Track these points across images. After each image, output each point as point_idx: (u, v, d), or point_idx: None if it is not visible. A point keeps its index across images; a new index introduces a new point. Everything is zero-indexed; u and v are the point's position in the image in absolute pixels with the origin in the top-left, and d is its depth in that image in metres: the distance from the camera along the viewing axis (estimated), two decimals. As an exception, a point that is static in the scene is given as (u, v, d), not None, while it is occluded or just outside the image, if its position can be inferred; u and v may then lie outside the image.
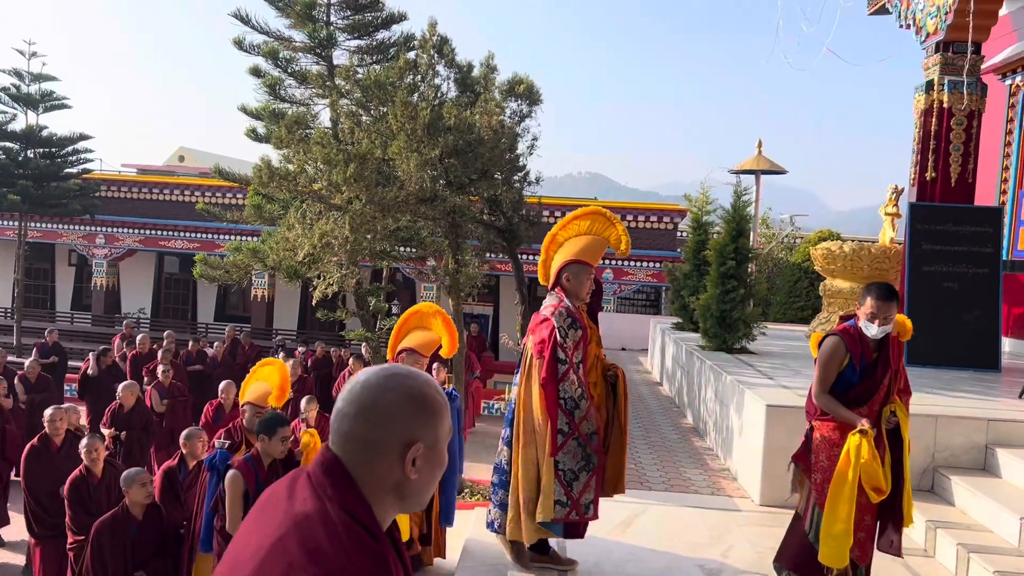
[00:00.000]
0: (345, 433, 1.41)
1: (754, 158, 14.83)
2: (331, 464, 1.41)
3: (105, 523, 5.74)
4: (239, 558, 1.36)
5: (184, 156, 50.07)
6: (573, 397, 4.21)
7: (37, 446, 7.48)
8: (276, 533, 1.33)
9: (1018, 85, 11.23)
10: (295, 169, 10.71)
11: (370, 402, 1.41)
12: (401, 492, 1.43)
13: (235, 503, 5.18)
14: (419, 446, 1.42)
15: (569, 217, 4.71)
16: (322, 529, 1.30)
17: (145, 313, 27.12)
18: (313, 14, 13.53)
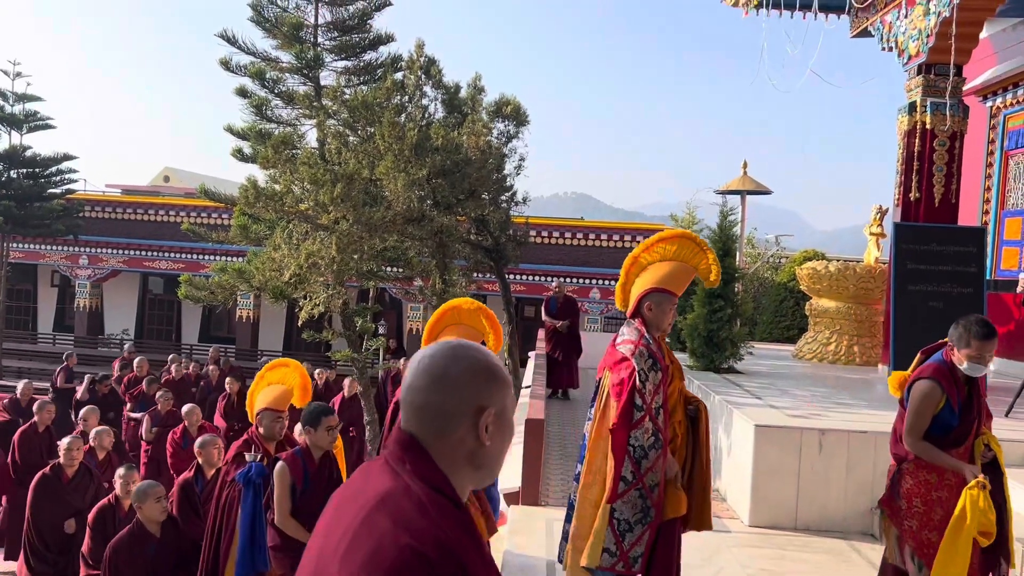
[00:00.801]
0: (419, 406, 1.45)
1: (739, 178, 14.92)
2: (406, 441, 1.44)
3: (121, 543, 5.37)
4: (324, 550, 1.37)
5: (170, 176, 49.93)
6: (643, 446, 3.97)
7: (48, 475, 7.02)
8: (360, 514, 1.35)
9: (998, 107, 11.38)
10: (281, 189, 10.70)
11: (440, 372, 1.45)
12: (476, 461, 1.47)
13: (283, 497, 4.99)
14: (490, 412, 1.46)
15: (654, 239, 4.41)
16: (407, 502, 1.33)
17: (129, 334, 26.88)
18: (300, 35, 13.55)
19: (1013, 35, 11.16)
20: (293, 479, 5.03)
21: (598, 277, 22.28)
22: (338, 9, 14.27)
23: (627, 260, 4.41)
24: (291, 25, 13.37)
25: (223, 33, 14.11)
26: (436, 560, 1.25)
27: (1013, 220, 11.21)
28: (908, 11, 9.26)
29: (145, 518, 5.44)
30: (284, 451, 5.42)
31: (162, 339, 27.25)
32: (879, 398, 7.86)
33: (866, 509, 6.02)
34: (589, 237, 23.29)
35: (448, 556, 1.27)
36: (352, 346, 12.79)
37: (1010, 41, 11.18)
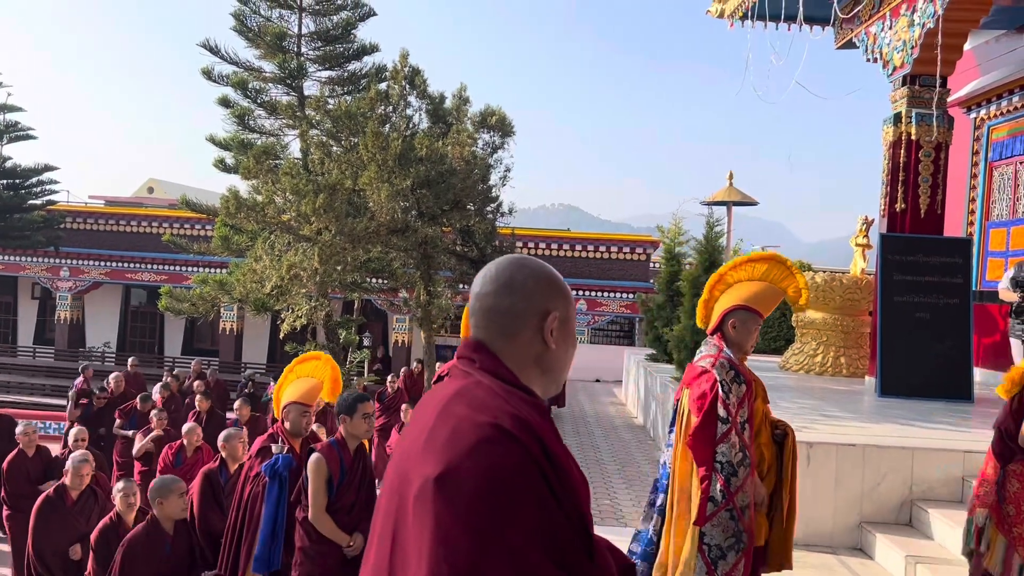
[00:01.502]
0: (487, 309, 1.51)
1: (725, 189, 14.92)
2: (474, 344, 1.50)
3: (136, 540, 5.01)
4: (408, 451, 1.39)
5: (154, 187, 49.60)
6: (732, 462, 3.69)
7: (52, 498, 6.58)
8: (436, 409, 1.38)
9: (982, 118, 11.41)
10: (263, 199, 10.57)
11: (507, 278, 1.52)
12: (543, 364, 1.52)
13: (319, 490, 4.65)
14: (555, 316, 1.51)
15: (743, 258, 4.28)
16: (480, 391, 1.38)
17: (110, 347, 26.56)
18: (283, 45, 13.47)
19: (996, 47, 11.21)
20: (330, 471, 4.68)
21: (585, 288, 22.21)
22: (322, 19, 14.21)
23: (712, 277, 4.29)
24: (274, 35, 13.29)
25: (206, 43, 14.01)
26: (515, 432, 1.29)
27: (998, 231, 11.23)
28: (892, 23, 9.27)
29: (163, 515, 5.13)
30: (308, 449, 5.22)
31: (144, 352, 26.93)
32: (867, 410, 7.80)
33: (856, 524, 5.94)
34: (576, 248, 23.23)
35: (527, 429, 1.30)
36: (336, 358, 12.64)
37: (993, 53, 11.23)
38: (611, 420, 11.93)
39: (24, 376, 24.36)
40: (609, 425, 11.34)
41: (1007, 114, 10.97)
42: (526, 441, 1.29)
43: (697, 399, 3.82)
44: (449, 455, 1.28)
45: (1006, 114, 10.98)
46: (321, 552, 4.67)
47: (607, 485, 7.57)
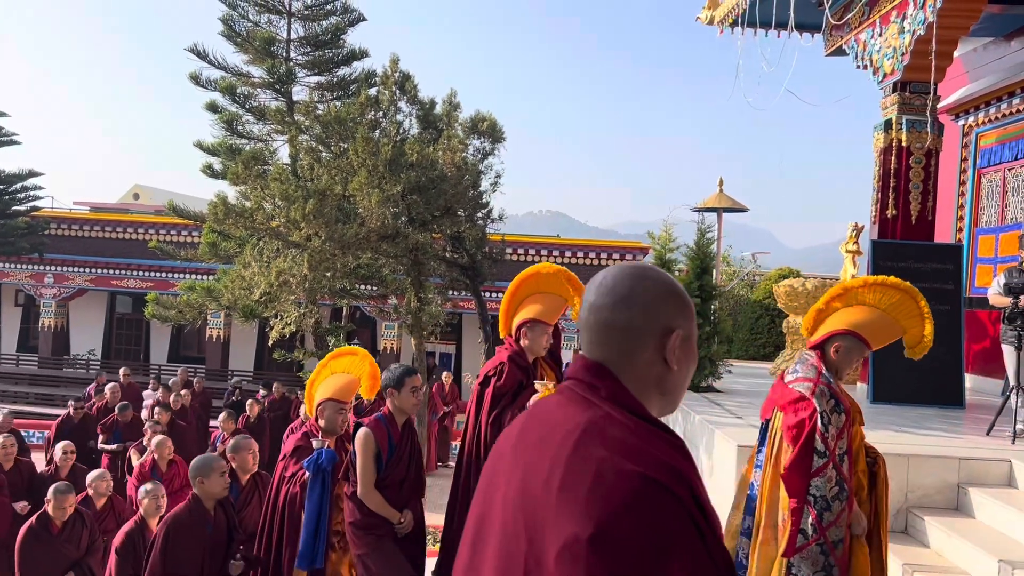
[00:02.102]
0: (604, 324, 1.39)
1: (716, 195, 14.94)
2: (596, 367, 1.38)
3: (180, 519, 4.80)
4: (529, 488, 1.28)
5: (139, 193, 49.27)
6: (826, 496, 3.54)
7: (35, 527, 6.28)
8: (567, 445, 1.27)
9: (971, 125, 11.47)
10: (252, 205, 10.47)
11: (627, 290, 1.40)
12: (662, 386, 1.41)
13: (368, 466, 4.49)
14: (678, 334, 1.40)
15: (879, 279, 4.04)
16: (616, 430, 1.27)
17: (95, 355, 26.30)
18: (272, 50, 13.39)
19: (984, 54, 11.27)
20: (378, 446, 4.53)
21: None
22: (311, 24, 14.14)
23: (836, 287, 4.07)
24: (263, 40, 13.21)
25: (193, 47, 13.92)
26: (668, 484, 1.21)
27: (987, 237, 11.27)
28: (883, 30, 9.30)
29: (204, 493, 4.90)
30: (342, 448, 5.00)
31: (130, 359, 26.67)
32: (860, 417, 7.77)
33: (851, 531, 5.91)
34: (565, 255, 23.21)
35: (678, 478, 1.23)
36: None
37: (982, 60, 11.29)
38: (602, 427, 11.87)
39: (7, 384, 24.06)
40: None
41: (995, 121, 11.03)
42: (679, 493, 1.22)
43: (792, 427, 3.65)
44: (600, 511, 1.19)
45: (994, 121, 11.03)
46: (373, 524, 4.51)
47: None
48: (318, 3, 14.08)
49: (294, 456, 5.03)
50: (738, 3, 11.08)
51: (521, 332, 4.81)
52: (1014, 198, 10.87)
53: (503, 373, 4.58)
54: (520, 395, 4.56)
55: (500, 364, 4.65)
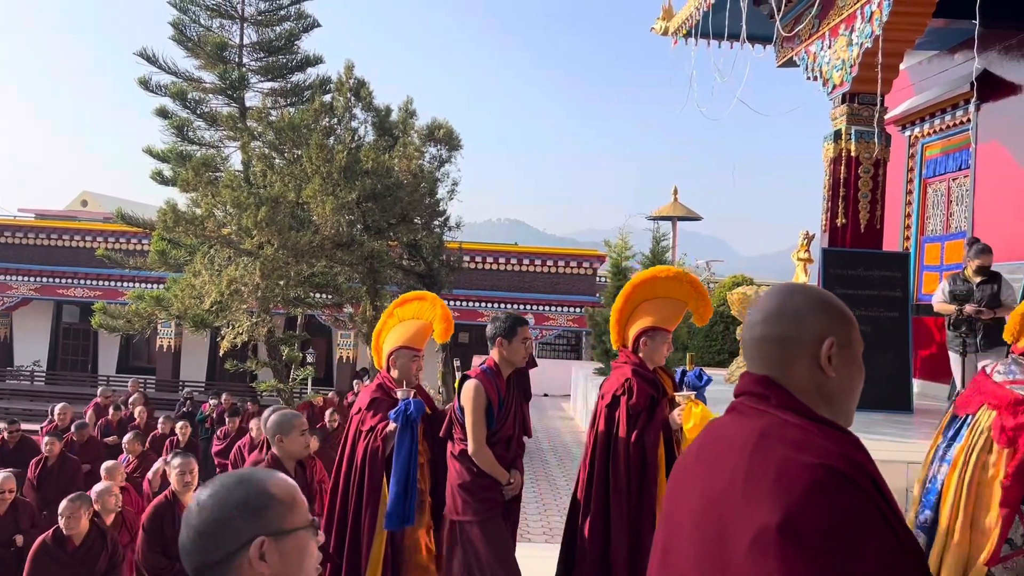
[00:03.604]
0: (760, 338, 1.48)
1: (670, 204, 15.09)
2: (761, 380, 1.46)
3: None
4: (711, 497, 1.34)
5: (87, 200, 48.10)
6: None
7: (48, 544, 5.65)
8: (744, 453, 1.33)
9: (916, 136, 11.75)
10: (203, 213, 10.26)
11: (775, 305, 1.49)
12: (824, 394, 1.46)
13: (479, 422, 4.17)
14: (831, 341, 1.45)
15: None
16: (792, 431, 1.34)
17: (40, 366, 25.53)
18: (224, 55, 13.17)
19: (929, 67, 11.57)
20: (489, 399, 4.19)
21: (532, 303, 22.18)
22: (264, 30, 13.94)
23: None
24: (215, 45, 12.98)
25: (143, 52, 13.62)
26: (850, 473, 1.27)
27: (932, 245, 11.55)
28: (832, 42, 9.48)
29: (284, 452, 4.50)
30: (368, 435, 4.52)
31: (77, 370, 25.96)
32: (812, 422, 7.88)
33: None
34: (523, 263, 23.21)
35: (859, 469, 1.29)
36: (278, 376, 12.32)
37: (926, 73, 11.59)
38: (560, 435, 11.87)
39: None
40: (558, 440, 11.28)
41: (940, 132, 11.32)
42: (860, 481, 1.28)
43: (1009, 429, 3.49)
44: (785, 500, 1.26)
45: (939, 132, 11.33)
46: (484, 486, 4.20)
47: (558, 502, 7.49)
48: (271, 8, 13.90)
49: (371, 409, 4.61)
50: (691, 15, 11.21)
51: (640, 341, 4.44)
52: (958, 207, 11.17)
53: (633, 391, 4.24)
54: (656, 410, 4.26)
55: (626, 381, 4.28)
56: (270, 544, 1.38)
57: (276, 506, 1.41)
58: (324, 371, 23.34)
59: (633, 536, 4.08)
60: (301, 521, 1.44)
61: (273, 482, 1.44)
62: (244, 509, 1.40)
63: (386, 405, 4.56)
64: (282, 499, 1.43)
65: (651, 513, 4.03)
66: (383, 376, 4.73)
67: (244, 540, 1.38)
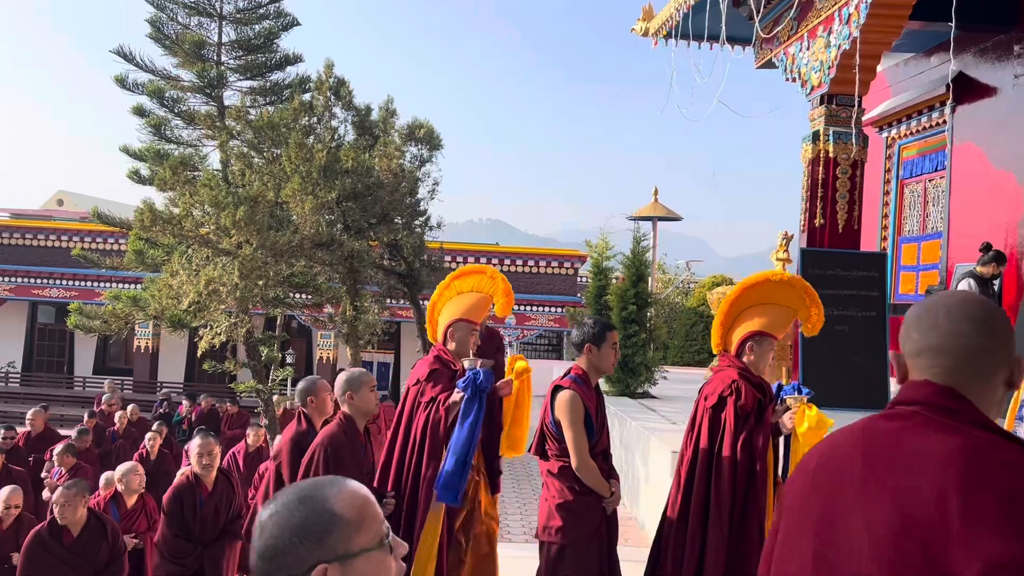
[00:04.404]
0: (976, 347, 1.43)
1: (651, 204, 15.15)
2: (948, 392, 1.41)
3: (336, 437, 4.26)
4: (905, 517, 1.31)
5: (63, 200, 47.54)
6: None
7: (43, 535, 5.25)
8: (948, 474, 1.30)
9: (893, 137, 11.87)
10: (180, 212, 10.16)
11: (982, 316, 1.45)
12: (1000, 411, 1.48)
13: (580, 432, 3.97)
14: (1021, 362, 1.46)
15: None
16: (1003, 452, 1.31)
17: (15, 367, 25.18)
18: (202, 53, 13.05)
19: (905, 69, 11.70)
20: (587, 408, 4.00)
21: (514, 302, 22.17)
22: (243, 28, 13.83)
23: None
24: (193, 43, 12.86)
25: (119, 49, 13.47)
26: None
27: (909, 246, 11.68)
28: (810, 43, 9.55)
29: (356, 410, 4.33)
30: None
31: (53, 371, 25.64)
32: (791, 421, 7.93)
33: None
34: (504, 262, 23.22)
35: None
36: (257, 376, 12.22)
37: (903, 75, 11.71)
38: (540, 435, 11.87)
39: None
40: (539, 440, 11.29)
41: (916, 134, 11.45)
42: None
43: None
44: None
45: (915, 134, 11.45)
46: (588, 506, 4.00)
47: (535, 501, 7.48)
48: (250, 7, 13.79)
49: (430, 380, 4.47)
50: (671, 15, 11.26)
51: (747, 347, 4.26)
52: (934, 208, 11.29)
53: (741, 391, 4.06)
54: (764, 414, 4.11)
55: (733, 383, 4.10)
56: (335, 570, 1.27)
57: (341, 528, 1.29)
58: (304, 372, 23.19)
59: (735, 545, 3.93)
60: (370, 541, 1.32)
61: (339, 498, 1.31)
62: (305, 534, 1.28)
63: (446, 377, 4.45)
64: (348, 518, 1.30)
65: (758, 520, 3.88)
66: (439, 348, 4.63)
67: (306, 567, 1.27)
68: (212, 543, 5.19)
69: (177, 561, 5.00)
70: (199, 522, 5.13)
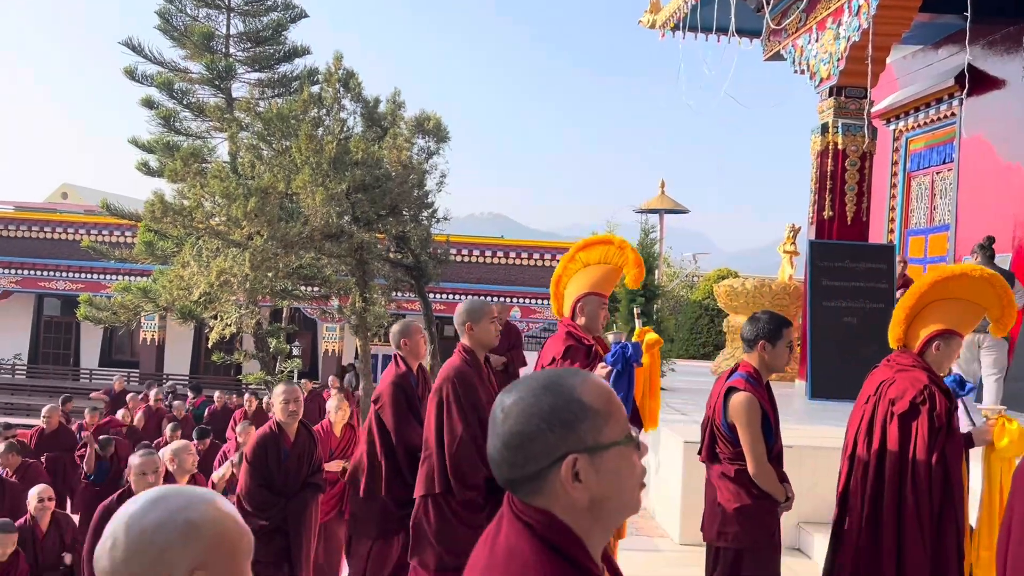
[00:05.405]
0: None
1: (658, 197, 15.17)
2: None
3: (464, 372, 4.14)
4: None
5: (67, 193, 47.61)
6: None
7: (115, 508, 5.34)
8: None
9: (901, 130, 11.88)
10: (191, 204, 10.20)
11: None
12: None
13: (758, 435, 3.82)
14: None
15: None
16: None
17: (21, 359, 25.25)
18: (211, 45, 13.08)
19: (913, 62, 11.69)
20: (764, 410, 3.84)
21: (519, 295, 22.21)
22: (251, 20, 13.86)
23: None
24: (201, 35, 12.89)
25: (128, 41, 13.50)
26: None
27: (916, 238, 11.69)
28: (819, 36, 9.56)
29: (476, 342, 4.29)
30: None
31: (59, 364, 25.71)
32: (799, 413, 7.98)
33: (794, 523, 6.04)
34: (510, 255, 23.24)
35: None
36: (265, 368, 12.29)
37: (911, 67, 11.71)
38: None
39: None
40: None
41: (924, 126, 11.45)
42: None
43: None
44: None
45: (923, 126, 11.46)
46: (766, 510, 3.83)
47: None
48: (258, -2, 13.85)
49: (567, 357, 4.35)
50: (679, 7, 11.26)
51: (934, 345, 3.93)
52: (942, 201, 11.30)
53: (935, 400, 3.73)
54: (953, 424, 3.86)
55: (925, 388, 3.76)
56: (585, 461, 1.21)
57: (591, 417, 1.22)
58: (309, 364, 23.27)
59: (933, 568, 3.67)
60: (619, 434, 1.25)
61: (586, 388, 1.24)
62: (554, 420, 1.22)
63: (582, 353, 4.33)
64: (597, 408, 1.23)
65: (954, 540, 3.64)
66: (568, 324, 4.48)
67: (555, 456, 1.21)
68: (294, 495, 5.03)
69: (260, 513, 4.82)
70: (282, 473, 4.97)
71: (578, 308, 4.41)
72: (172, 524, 1.20)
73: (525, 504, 1.24)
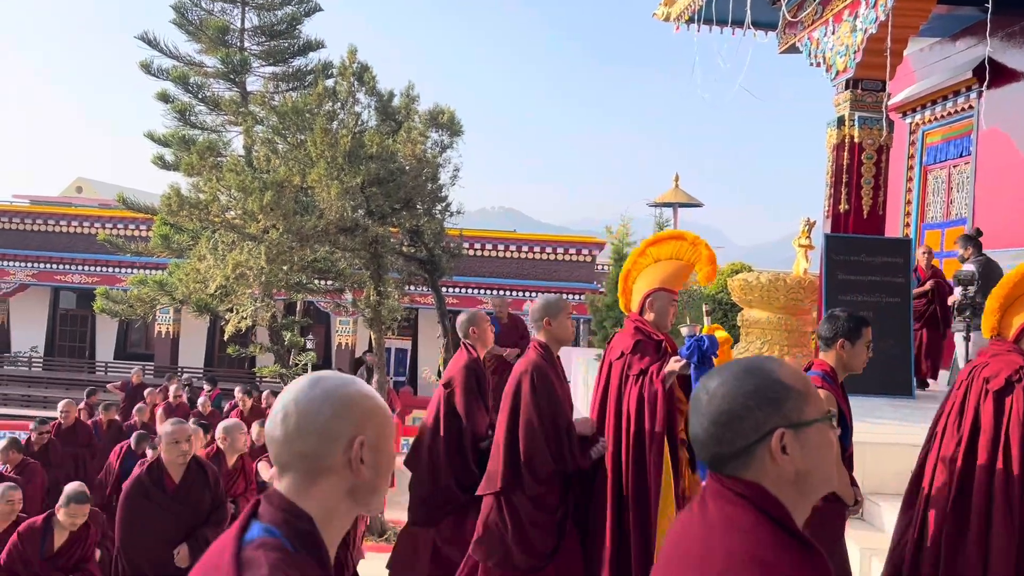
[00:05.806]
0: None
1: (672, 191, 15.14)
2: None
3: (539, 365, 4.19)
4: None
5: (82, 187, 47.92)
6: None
7: (144, 481, 5.03)
8: None
9: (917, 123, 11.80)
10: (207, 197, 10.25)
11: None
12: None
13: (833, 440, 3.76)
14: None
15: None
16: None
17: (38, 352, 25.49)
18: (226, 39, 13.13)
19: (930, 54, 11.60)
20: (840, 410, 3.75)
21: (531, 289, 22.22)
22: (266, 14, 13.90)
23: None
24: (216, 28, 12.94)
25: (144, 35, 13.58)
26: None
27: (933, 232, 11.62)
28: (835, 28, 9.50)
29: (552, 337, 4.35)
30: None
31: (75, 356, 25.94)
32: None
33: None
34: (522, 250, 23.24)
35: None
36: (280, 361, 12.35)
37: (928, 60, 11.62)
38: (561, 420, 11.92)
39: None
40: (560, 425, 11.33)
41: (940, 119, 11.37)
42: None
43: None
44: None
45: (940, 119, 11.38)
46: (836, 512, 3.76)
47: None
48: (273, -8, 13.89)
49: (636, 352, 4.27)
50: (694, 0, 11.21)
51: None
52: (959, 194, 11.23)
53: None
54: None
55: (1022, 367, 3.67)
56: (790, 436, 1.31)
57: (794, 396, 1.33)
58: (323, 357, 23.38)
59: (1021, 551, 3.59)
60: (819, 412, 1.36)
61: (784, 371, 1.36)
62: (761, 399, 1.32)
63: (651, 348, 4.29)
64: (798, 389, 1.35)
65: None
66: (636, 319, 4.42)
67: (764, 431, 1.32)
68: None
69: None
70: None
71: (647, 304, 4.35)
72: (335, 397, 1.38)
73: (734, 478, 1.34)
